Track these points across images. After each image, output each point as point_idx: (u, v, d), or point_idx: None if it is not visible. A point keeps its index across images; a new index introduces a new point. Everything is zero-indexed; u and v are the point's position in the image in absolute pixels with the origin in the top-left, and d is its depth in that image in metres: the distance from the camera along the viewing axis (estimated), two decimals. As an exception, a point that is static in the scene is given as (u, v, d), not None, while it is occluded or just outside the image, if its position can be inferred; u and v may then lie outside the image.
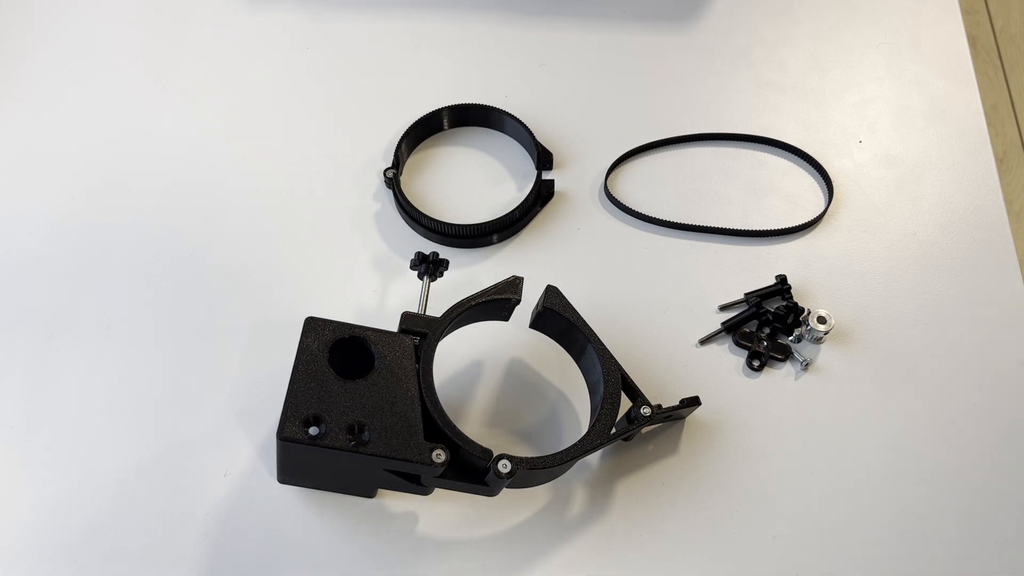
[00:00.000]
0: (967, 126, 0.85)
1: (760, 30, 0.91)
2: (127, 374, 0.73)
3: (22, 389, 0.73)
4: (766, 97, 0.87)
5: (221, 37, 0.91)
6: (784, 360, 0.73)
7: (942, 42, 0.90)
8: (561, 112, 0.86)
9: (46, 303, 0.76)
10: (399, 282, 0.77)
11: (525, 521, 0.67)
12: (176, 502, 0.68)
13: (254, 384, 0.72)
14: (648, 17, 0.92)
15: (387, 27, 0.92)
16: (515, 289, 0.68)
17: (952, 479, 0.69)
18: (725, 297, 0.76)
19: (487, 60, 0.90)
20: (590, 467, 0.69)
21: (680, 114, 0.86)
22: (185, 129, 0.86)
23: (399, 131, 0.83)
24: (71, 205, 0.81)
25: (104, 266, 0.78)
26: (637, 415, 0.65)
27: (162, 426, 0.71)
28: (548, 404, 0.72)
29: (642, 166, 0.84)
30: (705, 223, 0.80)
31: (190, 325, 0.75)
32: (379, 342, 0.63)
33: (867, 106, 0.86)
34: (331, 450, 0.59)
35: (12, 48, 0.91)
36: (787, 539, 0.67)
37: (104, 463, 0.69)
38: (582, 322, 0.67)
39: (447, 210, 0.81)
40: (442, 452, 0.60)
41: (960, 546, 0.66)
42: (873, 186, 0.82)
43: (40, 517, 0.68)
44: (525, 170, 0.83)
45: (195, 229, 0.80)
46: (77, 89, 0.88)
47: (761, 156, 0.84)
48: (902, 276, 0.77)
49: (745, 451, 0.70)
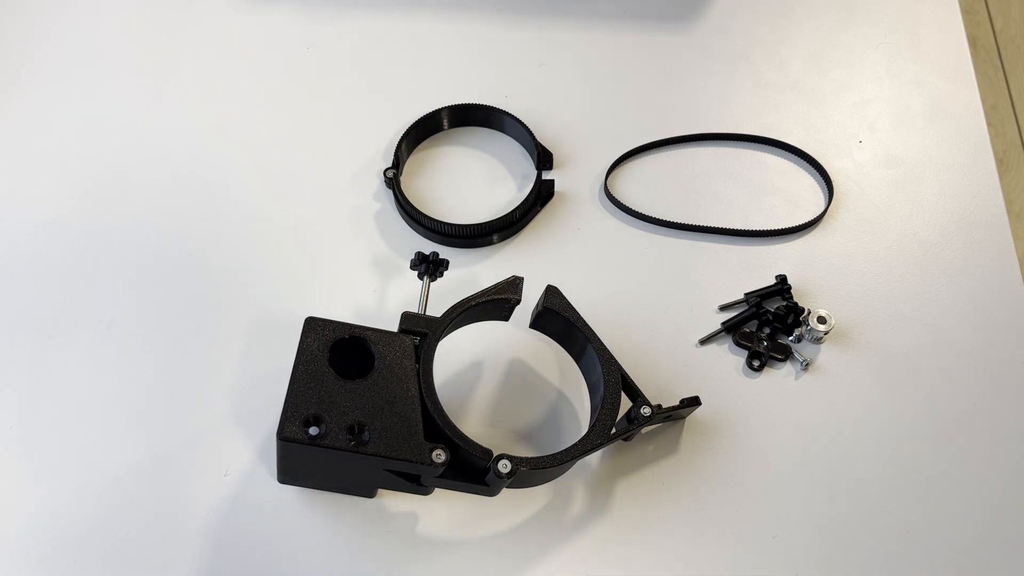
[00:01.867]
0: (967, 126, 0.85)
1: (760, 30, 0.91)
2: (127, 374, 0.73)
3: (22, 389, 0.73)
4: (766, 97, 0.87)
5: (221, 37, 0.91)
6: (784, 360, 0.73)
7: (942, 42, 0.90)
8: (561, 112, 0.86)
9: (46, 303, 0.76)
10: (399, 282, 0.77)
11: (525, 521, 0.67)
12: (176, 502, 0.68)
13: (254, 384, 0.72)
14: (648, 17, 0.92)
15: (387, 27, 0.92)
16: (515, 289, 0.68)
17: (952, 479, 0.69)
18: (725, 297, 0.76)
19: (487, 60, 0.90)
20: (590, 467, 0.69)
21: (680, 114, 0.86)
22: (185, 129, 0.86)
23: (399, 131, 0.83)
24: (71, 205, 0.81)
25: (104, 266, 0.78)
26: (637, 415, 0.65)
27: (162, 426, 0.71)
28: (548, 404, 0.72)
29: (642, 166, 0.84)
30: (705, 223, 0.80)
31: (190, 325, 0.75)
32: (379, 342, 0.63)
33: (867, 106, 0.86)
34: (331, 450, 0.59)
35: (12, 48, 0.91)
36: (787, 539, 0.67)
37: (104, 463, 0.69)
38: (582, 322, 0.67)
39: (447, 210, 0.81)
40: (442, 452, 0.60)
41: (960, 546, 0.66)
42: (873, 186, 0.82)
43: (40, 517, 0.68)
44: (525, 170, 0.83)
45: (195, 229, 0.80)
46: (77, 89, 0.88)
47: (761, 156, 0.84)
48: (902, 276, 0.77)
49: (745, 451, 0.70)
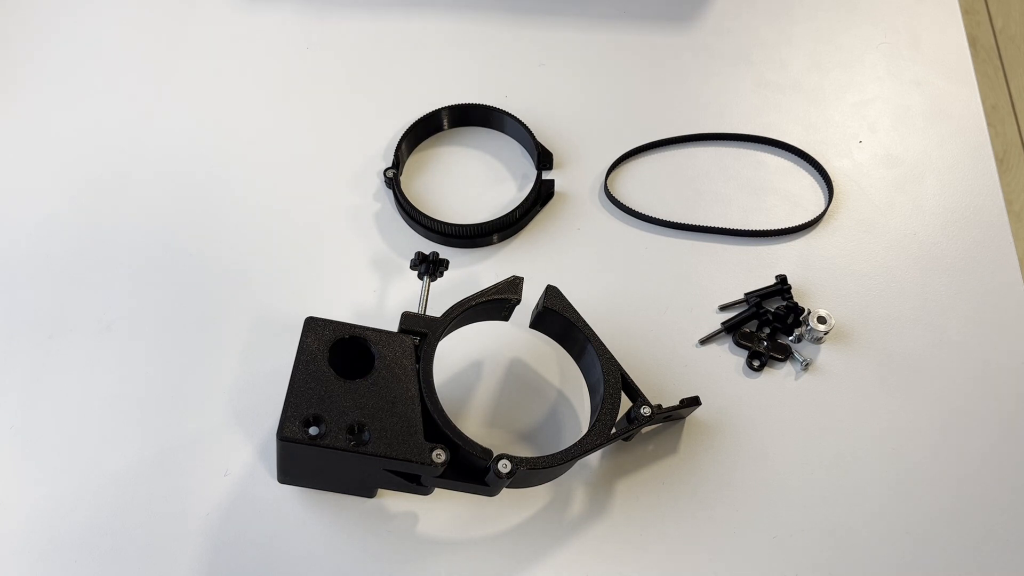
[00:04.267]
0: (967, 126, 0.85)
1: (760, 30, 0.91)
2: (127, 374, 0.73)
3: (22, 389, 0.72)
4: (766, 97, 0.87)
5: (222, 37, 0.91)
6: (784, 360, 0.73)
7: (942, 42, 0.90)
8: (561, 112, 0.86)
9: (46, 303, 0.76)
10: (399, 282, 0.77)
11: (525, 521, 0.67)
12: (176, 502, 0.68)
13: (254, 384, 0.72)
14: (648, 17, 0.92)
15: (387, 27, 0.92)
16: (515, 289, 0.68)
17: (952, 479, 0.69)
18: (725, 297, 0.76)
19: (487, 60, 0.90)
20: (590, 467, 0.69)
21: (680, 114, 0.86)
22: (185, 129, 0.86)
23: (399, 131, 0.83)
24: (72, 205, 0.81)
25: (104, 266, 0.78)
26: (637, 415, 0.65)
27: (162, 426, 0.71)
28: (548, 404, 0.72)
29: (642, 166, 0.84)
30: (705, 223, 0.80)
31: (190, 325, 0.75)
32: (379, 342, 0.63)
33: (867, 106, 0.86)
34: (331, 450, 0.59)
35: (12, 49, 0.91)
36: (787, 539, 0.67)
37: (104, 463, 0.69)
38: (582, 322, 0.67)
39: (447, 210, 0.81)
40: (442, 452, 0.60)
41: (960, 546, 0.66)
42: (873, 186, 0.82)
43: (40, 517, 0.68)
44: (525, 170, 0.83)
45: (195, 229, 0.80)
46: (76, 89, 0.88)
47: (761, 156, 0.84)
48: (902, 276, 0.77)
49: (745, 451, 0.70)
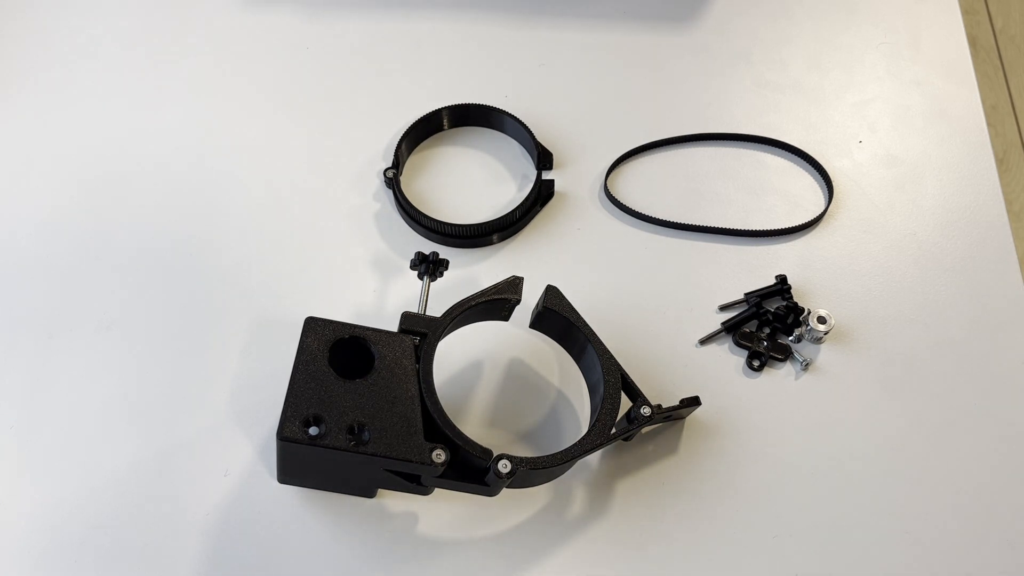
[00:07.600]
0: (967, 126, 0.85)
1: (760, 30, 0.91)
2: (127, 374, 0.73)
3: (22, 389, 0.72)
4: (766, 97, 0.87)
5: (221, 37, 0.91)
6: (784, 360, 0.73)
7: (942, 42, 0.90)
8: (561, 112, 0.86)
9: (46, 303, 0.76)
10: (399, 282, 0.77)
11: (525, 521, 0.67)
12: (176, 502, 0.68)
13: (254, 384, 0.72)
14: (648, 17, 0.92)
15: (387, 27, 0.92)
16: (515, 289, 0.68)
17: (952, 479, 0.69)
18: (725, 297, 0.76)
19: (487, 60, 0.90)
20: (590, 467, 0.69)
21: (680, 114, 0.86)
22: (185, 129, 0.86)
23: (399, 131, 0.83)
24: (71, 205, 0.81)
25: (104, 266, 0.78)
26: (637, 415, 0.65)
27: (162, 426, 0.71)
28: (548, 404, 0.72)
29: (642, 166, 0.84)
30: (705, 223, 0.80)
31: (190, 325, 0.75)
32: (379, 342, 0.63)
33: (867, 106, 0.86)
34: (331, 450, 0.59)
35: (11, 48, 0.91)
36: (787, 539, 0.67)
37: (104, 463, 0.69)
38: (582, 322, 0.67)
39: (447, 210, 0.81)
40: (442, 452, 0.60)
41: (960, 546, 0.66)
42: (873, 186, 0.82)
43: (40, 517, 0.68)
44: (525, 170, 0.83)
45: (195, 229, 0.80)
46: (76, 89, 0.88)
47: (761, 156, 0.84)
48: (902, 276, 0.77)
49: (745, 451, 0.70)
